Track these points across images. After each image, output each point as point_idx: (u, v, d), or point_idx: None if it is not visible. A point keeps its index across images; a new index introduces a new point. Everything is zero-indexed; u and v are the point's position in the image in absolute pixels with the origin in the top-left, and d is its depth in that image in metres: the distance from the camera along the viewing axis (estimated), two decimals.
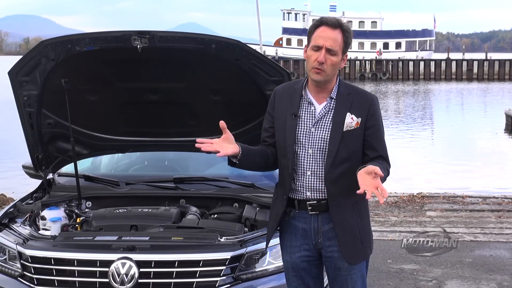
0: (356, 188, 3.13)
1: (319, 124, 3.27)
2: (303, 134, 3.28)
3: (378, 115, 3.31)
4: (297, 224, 3.37)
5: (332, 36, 3.18)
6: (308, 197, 3.30)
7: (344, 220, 3.28)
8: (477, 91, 49.02)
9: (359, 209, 3.33)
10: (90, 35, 4.15)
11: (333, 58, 3.19)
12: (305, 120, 3.29)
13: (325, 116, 3.27)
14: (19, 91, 4.40)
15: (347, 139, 3.23)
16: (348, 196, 3.25)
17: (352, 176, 3.18)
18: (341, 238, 3.28)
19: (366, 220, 3.40)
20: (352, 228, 3.30)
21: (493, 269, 6.28)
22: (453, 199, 9.83)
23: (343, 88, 3.31)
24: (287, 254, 3.43)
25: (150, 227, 4.16)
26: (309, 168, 3.27)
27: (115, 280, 3.61)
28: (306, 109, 3.30)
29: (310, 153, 3.27)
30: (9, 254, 3.89)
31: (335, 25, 3.20)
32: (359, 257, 3.36)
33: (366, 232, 3.38)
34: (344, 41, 3.22)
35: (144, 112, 4.67)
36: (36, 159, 4.76)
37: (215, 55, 4.08)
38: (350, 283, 3.36)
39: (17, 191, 10.07)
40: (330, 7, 77.02)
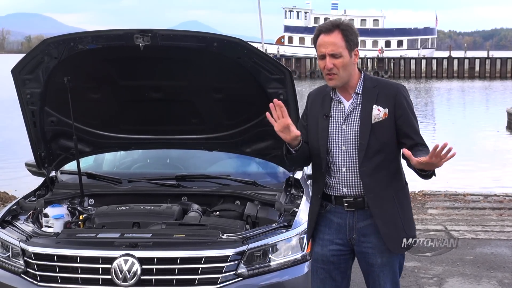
0: (394, 180, 3.31)
1: (349, 120, 3.35)
2: (335, 132, 3.36)
3: (406, 103, 3.34)
4: (332, 218, 3.45)
5: (331, 41, 3.25)
6: (344, 193, 3.37)
7: (385, 212, 3.34)
8: (478, 89, 48.96)
9: (399, 200, 3.39)
10: (92, 33, 4.17)
11: (339, 60, 3.25)
12: (336, 119, 3.38)
13: (353, 111, 3.35)
14: (22, 89, 4.42)
15: (377, 131, 3.28)
16: (386, 187, 3.34)
17: (388, 167, 3.31)
18: (383, 231, 3.34)
19: (408, 210, 3.45)
20: (393, 218, 3.35)
21: (494, 266, 6.29)
22: (455, 197, 9.84)
23: (368, 82, 3.37)
24: (319, 246, 3.50)
25: (152, 224, 4.18)
26: (344, 164, 3.35)
27: (117, 277, 3.63)
28: (337, 108, 3.39)
29: (344, 150, 3.35)
30: (12, 251, 3.92)
31: (331, 29, 3.26)
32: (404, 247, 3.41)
33: (409, 221, 3.44)
34: (345, 40, 3.26)
35: (146, 110, 4.69)
36: (39, 156, 4.78)
37: (217, 53, 4.10)
38: (382, 278, 3.43)
39: (19, 189, 10.09)
40: (332, 5, 76.99)
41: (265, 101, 4.30)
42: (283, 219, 4.16)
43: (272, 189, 4.70)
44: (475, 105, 35.96)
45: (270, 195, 4.60)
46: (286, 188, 4.72)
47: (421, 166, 3.09)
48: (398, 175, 3.42)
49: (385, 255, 3.39)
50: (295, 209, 4.25)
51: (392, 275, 3.45)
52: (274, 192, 4.64)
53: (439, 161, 3.04)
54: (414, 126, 3.34)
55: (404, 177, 3.48)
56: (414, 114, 3.38)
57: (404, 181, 3.46)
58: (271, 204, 4.47)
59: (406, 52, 68.19)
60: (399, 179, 3.42)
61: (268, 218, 4.34)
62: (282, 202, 4.46)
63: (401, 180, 3.43)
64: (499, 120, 25.72)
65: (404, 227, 3.38)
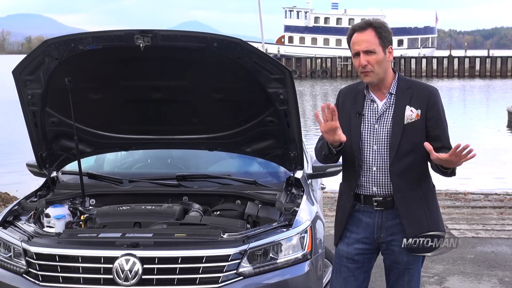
0: (422, 181, 3.39)
1: (381, 120, 3.41)
2: (367, 131, 3.43)
3: (438, 106, 3.40)
4: (361, 218, 3.51)
5: (364, 38, 3.33)
6: (374, 192, 3.44)
7: (412, 212, 3.40)
8: (479, 88, 48.94)
9: (427, 201, 3.44)
10: (93, 34, 4.17)
11: (373, 56, 3.32)
12: (369, 118, 3.44)
13: (386, 111, 3.40)
14: (23, 90, 4.42)
15: (409, 132, 3.33)
16: (415, 188, 3.41)
17: (418, 169, 3.38)
18: (408, 230, 3.40)
19: (435, 212, 3.50)
20: (420, 219, 3.42)
21: (495, 265, 6.31)
22: (455, 196, 9.87)
23: (403, 83, 3.42)
24: (344, 244, 3.57)
25: (154, 224, 4.19)
26: (374, 163, 3.41)
27: (119, 277, 3.64)
28: (370, 107, 3.45)
29: (375, 149, 3.41)
30: (14, 251, 3.92)
31: (364, 27, 3.35)
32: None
33: (435, 223, 3.48)
34: (378, 37, 3.33)
35: (147, 111, 4.70)
36: (40, 157, 4.79)
37: (217, 54, 4.11)
38: (407, 275, 3.51)
39: (21, 190, 10.12)
40: (332, 5, 76.94)
41: (265, 101, 4.33)
42: (283, 218, 4.17)
43: (272, 188, 4.71)
44: (476, 104, 35.97)
45: (271, 194, 4.61)
46: (286, 187, 4.73)
47: (440, 163, 3.17)
48: (427, 176, 3.48)
49: (411, 254, 3.46)
50: (296, 208, 4.26)
51: (416, 274, 3.53)
52: (274, 192, 4.65)
53: (458, 160, 3.12)
54: (444, 129, 3.43)
55: (432, 180, 3.53)
56: (445, 118, 3.46)
57: (432, 183, 3.52)
58: (271, 204, 4.48)
59: (407, 51, 68.14)
60: (428, 181, 3.48)
61: (269, 217, 4.35)
62: (283, 201, 4.47)
63: (429, 182, 3.49)
64: (500, 119, 25.72)
65: (430, 229, 3.43)
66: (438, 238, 3.48)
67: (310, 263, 3.95)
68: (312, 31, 71.19)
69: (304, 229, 4.01)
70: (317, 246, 4.12)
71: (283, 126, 4.43)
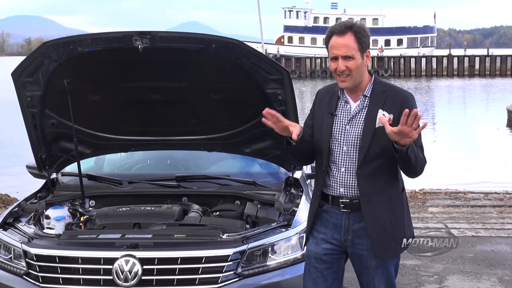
0: (390, 185, 3.31)
1: (353, 122, 3.36)
2: (339, 131, 3.38)
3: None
4: (328, 218, 3.46)
5: (344, 43, 3.26)
6: (341, 193, 3.38)
7: (376, 217, 3.34)
8: (479, 87, 48.92)
9: (393, 205, 3.37)
10: (91, 36, 4.19)
11: (352, 62, 3.27)
12: (341, 118, 3.39)
13: (358, 113, 3.36)
14: (23, 92, 4.44)
15: (379, 136, 3.26)
16: (382, 192, 3.34)
17: (386, 173, 3.32)
18: (372, 234, 3.34)
19: (400, 216, 3.42)
20: (383, 224, 3.35)
21: (494, 264, 6.31)
22: (455, 195, 9.86)
23: (378, 86, 3.37)
24: (313, 244, 3.51)
25: (153, 225, 4.21)
26: (343, 164, 3.37)
27: (119, 277, 3.65)
28: (343, 108, 3.40)
29: (345, 150, 3.36)
30: (14, 253, 3.94)
31: (344, 30, 3.27)
32: (391, 252, 3.42)
33: (399, 227, 3.41)
34: (358, 42, 3.27)
35: (146, 112, 4.72)
36: (39, 159, 4.80)
37: (216, 55, 4.12)
38: (376, 281, 3.42)
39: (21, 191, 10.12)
40: (332, 5, 76.91)
41: (263, 101, 4.34)
42: (282, 219, 4.18)
43: (271, 188, 4.72)
44: (475, 103, 35.95)
45: (270, 194, 4.63)
46: (285, 187, 4.74)
47: (396, 138, 3.08)
48: (395, 181, 3.41)
49: (379, 258, 3.39)
50: (295, 208, 4.28)
51: (387, 277, 3.44)
52: (273, 192, 4.66)
53: (410, 131, 3.03)
54: (418, 137, 3.28)
55: (402, 184, 3.48)
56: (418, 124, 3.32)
57: (401, 187, 3.45)
58: (270, 204, 4.49)
59: (406, 51, 68.13)
60: (396, 185, 3.41)
61: (268, 217, 4.36)
62: (282, 201, 4.48)
63: (397, 186, 3.42)
64: (499, 117, 25.72)
65: (393, 233, 3.37)
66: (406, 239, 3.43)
67: None
68: (312, 31, 71.17)
69: (303, 229, 4.02)
70: None
71: None
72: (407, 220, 3.49)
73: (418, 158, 3.24)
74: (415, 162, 3.22)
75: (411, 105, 3.29)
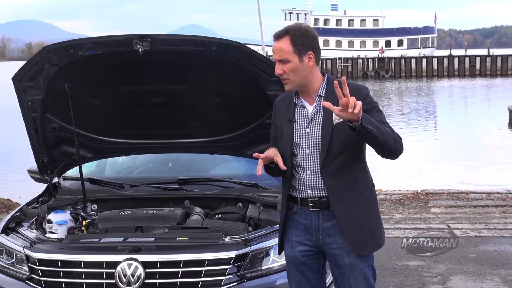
0: (359, 180, 3.29)
1: (312, 124, 3.35)
2: (299, 136, 3.37)
3: (368, 101, 3.27)
4: (299, 220, 3.43)
5: (278, 47, 3.30)
6: (309, 195, 3.37)
7: (348, 213, 3.31)
8: (480, 87, 48.91)
9: (365, 200, 3.35)
10: (92, 39, 4.19)
11: (288, 65, 3.28)
12: (300, 123, 3.39)
13: (316, 114, 3.35)
14: (23, 96, 4.44)
15: (339, 132, 3.25)
16: (350, 188, 3.31)
17: (352, 169, 3.30)
18: (347, 231, 3.31)
19: (374, 210, 3.41)
20: (357, 219, 3.32)
21: (498, 264, 6.30)
22: (457, 195, 9.86)
23: (331, 85, 3.30)
24: (289, 248, 3.48)
25: (155, 228, 4.20)
26: (308, 167, 3.35)
27: (121, 281, 3.64)
28: (300, 113, 3.40)
29: (308, 153, 3.35)
30: (16, 258, 3.94)
31: (280, 35, 3.31)
32: (370, 247, 3.39)
33: (375, 222, 3.40)
34: (293, 45, 3.28)
35: (147, 115, 4.71)
36: (41, 163, 4.80)
37: (216, 57, 4.12)
38: (352, 280, 3.38)
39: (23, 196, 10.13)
40: (332, 6, 77.01)
41: (264, 103, 4.34)
42: None
43: (273, 190, 4.71)
44: (477, 103, 35.95)
45: (272, 196, 4.62)
46: None
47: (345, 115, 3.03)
48: (364, 176, 3.39)
49: (352, 256, 3.35)
50: None
51: (363, 276, 3.39)
52: (275, 194, 4.65)
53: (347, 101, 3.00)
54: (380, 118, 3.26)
55: (371, 178, 3.45)
56: (380, 111, 3.32)
57: (370, 182, 3.43)
58: (273, 206, 4.48)
59: (407, 52, 68.18)
60: (365, 180, 3.39)
61: (270, 219, 4.35)
62: None
63: (367, 181, 3.40)
64: (501, 117, 25.71)
65: (370, 228, 3.35)
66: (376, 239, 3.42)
67: None
68: None
69: None
70: None
71: None
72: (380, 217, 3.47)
73: (383, 130, 3.16)
74: (381, 135, 3.14)
75: (366, 95, 3.29)
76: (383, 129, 3.16)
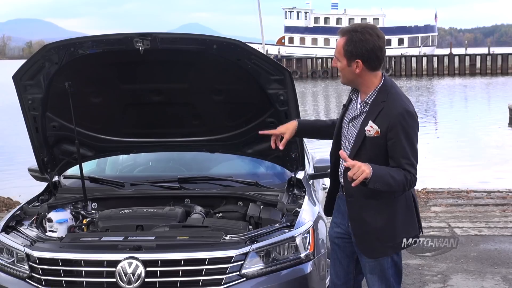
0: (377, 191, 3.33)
1: (353, 122, 3.52)
2: (346, 124, 3.59)
3: (400, 129, 3.32)
4: (339, 204, 3.72)
5: (338, 45, 3.43)
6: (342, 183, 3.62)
7: (359, 216, 3.49)
8: (480, 85, 48.88)
9: (380, 209, 3.44)
10: (92, 38, 4.19)
11: (339, 64, 3.45)
12: (349, 114, 3.58)
13: (358, 116, 3.50)
14: (24, 95, 4.44)
15: (368, 145, 3.39)
16: (368, 197, 3.41)
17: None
18: (355, 232, 3.54)
19: (389, 220, 3.46)
20: (366, 225, 3.47)
21: (498, 262, 6.30)
22: (458, 194, 9.86)
23: (380, 95, 3.42)
24: (330, 227, 3.84)
25: (156, 227, 4.20)
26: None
27: (122, 280, 3.64)
28: (353, 106, 3.58)
29: (346, 145, 3.54)
30: (17, 256, 3.93)
31: (342, 33, 3.42)
32: (376, 253, 3.53)
33: (386, 230, 3.46)
34: (344, 48, 3.38)
35: (147, 113, 4.71)
36: (41, 162, 4.80)
37: (217, 56, 4.11)
38: (368, 269, 3.60)
39: (23, 194, 10.13)
40: (332, 5, 76.88)
41: (265, 102, 4.33)
42: (285, 219, 4.17)
43: (274, 189, 4.71)
44: (477, 102, 35.93)
45: (273, 195, 4.61)
46: (288, 188, 4.73)
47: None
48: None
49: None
50: (298, 209, 4.26)
51: (380, 269, 3.55)
52: (276, 193, 4.65)
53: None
54: (400, 152, 3.33)
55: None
56: (409, 139, 3.35)
57: (393, 193, 3.42)
58: (273, 205, 4.48)
59: (407, 50, 68.04)
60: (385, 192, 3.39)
61: (271, 218, 4.35)
62: (285, 202, 4.47)
63: (387, 193, 3.40)
64: (501, 116, 25.69)
65: (378, 235, 3.45)
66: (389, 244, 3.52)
67: (312, 263, 3.96)
68: (312, 31, 71.15)
69: (306, 229, 4.02)
70: (319, 246, 4.12)
71: None
72: (403, 223, 3.50)
73: (395, 182, 3.27)
74: (390, 188, 3.29)
75: (399, 122, 3.32)
76: (395, 182, 3.27)
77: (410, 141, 3.35)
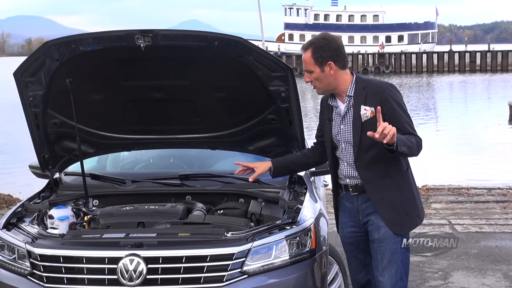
0: (392, 169, 3.76)
1: (344, 121, 3.83)
2: (337, 133, 3.88)
3: (392, 100, 3.70)
4: (345, 203, 4.02)
5: (304, 59, 3.78)
6: (348, 183, 3.92)
7: (383, 198, 3.77)
8: (480, 82, 48.89)
9: (398, 185, 3.78)
10: (93, 34, 4.17)
11: (313, 75, 3.77)
12: (336, 121, 3.89)
13: (347, 113, 3.82)
14: (25, 91, 4.43)
15: (368, 128, 3.61)
16: (384, 177, 3.76)
17: (384, 159, 3.70)
18: (383, 215, 3.78)
19: (408, 193, 3.83)
20: (392, 203, 3.77)
21: (499, 259, 6.30)
22: (458, 191, 9.87)
23: (360, 84, 3.79)
24: (340, 229, 4.10)
25: (157, 224, 4.19)
26: (345, 159, 3.89)
27: (123, 277, 3.64)
28: (335, 112, 3.90)
29: (344, 147, 3.87)
30: (18, 253, 3.92)
31: (306, 47, 3.77)
32: (408, 227, 3.88)
33: (410, 202, 3.83)
34: (313, 57, 3.72)
35: (148, 110, 4.70)
36: (42, 158, 4.79)
37: (218, 52, 4.11)
38: (379, 254, 3.84)
39: (24, 191, 10.13)
40: (332, 2, 76.94)
41: (266, 98, 4.33)
42: (287, 216, 4.16)
43: (275, 186, 4.71)
44: (477, 99, 35.93)
45: (274, 192, 4.61)
46: (289, 185, 4.72)
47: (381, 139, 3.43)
48: (396, 163, 3.77)
49: (381, 231, 3.80)
50: (299, 206, 4.26)
51: (390, 252, 3.79)
52: (277, 190, 4.64)
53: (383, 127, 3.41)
54: (401, 119, 3.67)
55: (405, 164, 3.83)
56: (402, 108, 3.73)
57: (404, 168, 3.82)
58: (275, 202, 4.48)
59: (407, 47, 68.11)
60: (397, 167, 3.81)
61: (272, 215, 4.34)
62: (286, 199, 4.47)
63: (399, 167, 3.80)
64: (501, 113, 25.70)
65: (405, 209, 3.79)
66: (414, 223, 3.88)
67: (314, 260, 3.95)
68: (312, 28, 71.08)
69: (307, 226, 4.01)
70: (321, 243, 4.11)
71: (285, 123, 4.44)
72: (418, 197, 3.91)
73: (412, 145, 3.60)
74: (411, 150, 3.58)
75: (388, 94, 3.70)
76: (412, 144, 3.60)
77: (403, 109, 3.73)
